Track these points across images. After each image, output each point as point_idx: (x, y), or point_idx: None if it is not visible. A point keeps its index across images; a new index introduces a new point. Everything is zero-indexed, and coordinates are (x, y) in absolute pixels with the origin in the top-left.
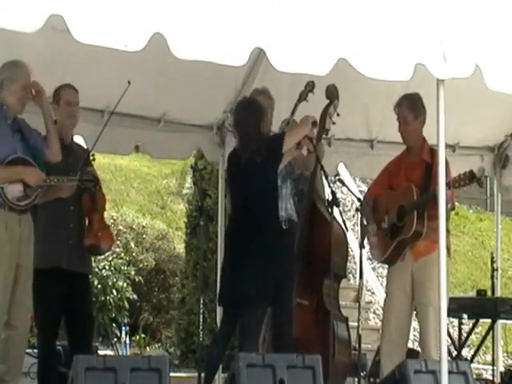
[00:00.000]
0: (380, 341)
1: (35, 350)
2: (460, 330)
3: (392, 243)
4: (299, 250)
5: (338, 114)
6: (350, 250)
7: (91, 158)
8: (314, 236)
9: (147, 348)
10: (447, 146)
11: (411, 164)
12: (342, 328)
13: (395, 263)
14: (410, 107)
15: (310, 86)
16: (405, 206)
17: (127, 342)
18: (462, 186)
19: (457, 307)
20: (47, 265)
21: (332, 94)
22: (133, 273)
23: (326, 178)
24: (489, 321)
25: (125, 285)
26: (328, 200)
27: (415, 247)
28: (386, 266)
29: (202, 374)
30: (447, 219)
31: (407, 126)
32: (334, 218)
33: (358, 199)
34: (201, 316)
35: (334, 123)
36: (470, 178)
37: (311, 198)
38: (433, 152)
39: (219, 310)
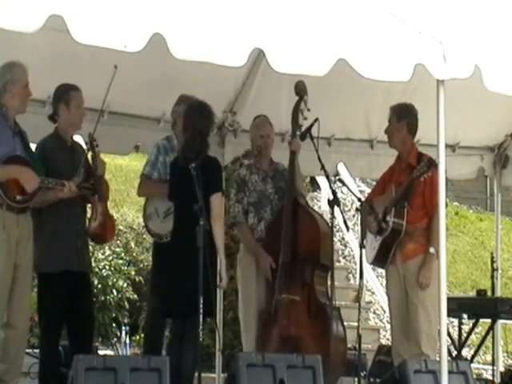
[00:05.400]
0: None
1: (35, 350)
2: (460, 329)
3: (377, 243)
4: (286, 247)
5: (308, 110)
6: (350, 249)
7: (94, 143)
8: (300, 231)
9: None
10: (447, 145)
11: (400, 169)
12: (337, 319)
13: (386, 265)
14: (396, 111)
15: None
16: (387, 206)
17: (127, 342)
18: (423, 173)
19: (457, 307)
20: (57, 268)
21: (301, 90)
22: (133, 273)
23: (327, 177)
24: (489, 321)
25: (125, 285)
26: (329, 199)
27: (404, 250)
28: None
29: (202, 374)
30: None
31: (390, 126)
32: (314, 210)
33: (358, 199)
34: (200, 316)
35: (305, 118)
36: (428, 164)
37: (292, 194)
38: (419, 156)
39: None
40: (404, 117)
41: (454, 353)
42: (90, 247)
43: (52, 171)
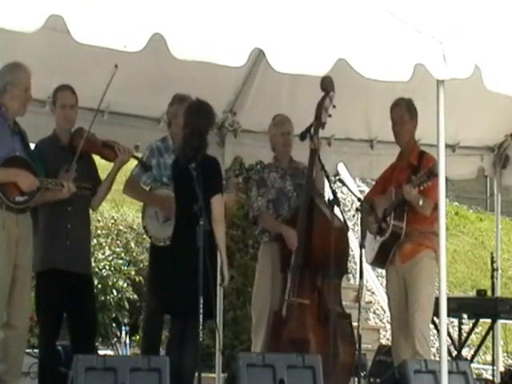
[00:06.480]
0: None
1: (35, 350)
2: (460, 329)
3: (376, 245)
4: (299, 250)
5: (334, 106)
6: (350, 249)
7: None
8: (313, 233)
9: None
10: (447, 145)
11: (401, 168)
12: (345, 325)
13: (385, 266)
14: (408, 108)
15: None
16: (386, 209)
17: (127, 342)
18: (423, 182)
19: (457, 307)
20: (46, 267)
21: (327, 85)
22: (133, 273)
23: (327, 177)
24: (489, 321)
25: (125, 285)
26: (329, 199)
27: (402, 250)
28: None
29: (202, 374)
30: (424, 219)
31: (403, 125)
32: (334, 213)
33: (358, 199)
34: (201, 316)
35: (330, 116)
36: (428, 174)
37: (309, 194)
38: (421, 155)
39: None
40: (415, 114)
41: (454, 353)
42: (91, 248)
43: (47, 172)
